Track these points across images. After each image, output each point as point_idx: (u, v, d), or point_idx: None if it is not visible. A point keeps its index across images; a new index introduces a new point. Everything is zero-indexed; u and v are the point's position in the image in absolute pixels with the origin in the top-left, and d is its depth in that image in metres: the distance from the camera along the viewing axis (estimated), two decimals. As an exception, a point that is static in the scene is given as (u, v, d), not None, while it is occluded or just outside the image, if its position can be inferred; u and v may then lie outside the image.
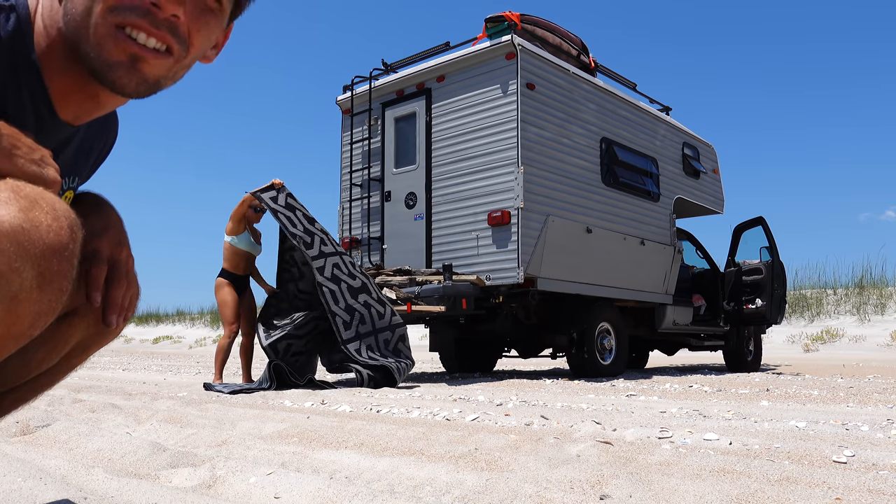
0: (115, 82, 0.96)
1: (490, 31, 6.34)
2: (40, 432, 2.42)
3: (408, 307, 5.73)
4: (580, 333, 6.54)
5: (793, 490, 1.52)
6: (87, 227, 1.09)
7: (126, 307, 1.11)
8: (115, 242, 1.11)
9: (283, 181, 5.54)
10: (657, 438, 2.43)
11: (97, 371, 8.41)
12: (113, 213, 1.16)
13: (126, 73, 0.95)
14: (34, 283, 0.80)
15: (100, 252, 1.08)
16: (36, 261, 0.80)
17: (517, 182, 6.02)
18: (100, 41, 0.93)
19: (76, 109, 1.02)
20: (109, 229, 1.12)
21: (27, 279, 0.79)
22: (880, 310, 14.81)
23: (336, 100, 7.55)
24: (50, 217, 0.83)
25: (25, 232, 0.80)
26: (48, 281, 0.82)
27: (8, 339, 0.83)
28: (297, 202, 5.60)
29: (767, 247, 8.50)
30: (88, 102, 1.01)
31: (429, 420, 3.08)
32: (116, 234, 1.13)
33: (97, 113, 1.05)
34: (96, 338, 1.14)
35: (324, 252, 5.49)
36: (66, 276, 0.84)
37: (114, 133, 1.24)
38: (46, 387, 1.15)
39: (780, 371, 8.37)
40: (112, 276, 1.09)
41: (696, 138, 8.67)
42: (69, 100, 1.00)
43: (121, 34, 0.93)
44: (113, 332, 1.15)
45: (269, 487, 1.61)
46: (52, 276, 0.82)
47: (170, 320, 26.68)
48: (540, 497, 1.52)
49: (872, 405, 3.78)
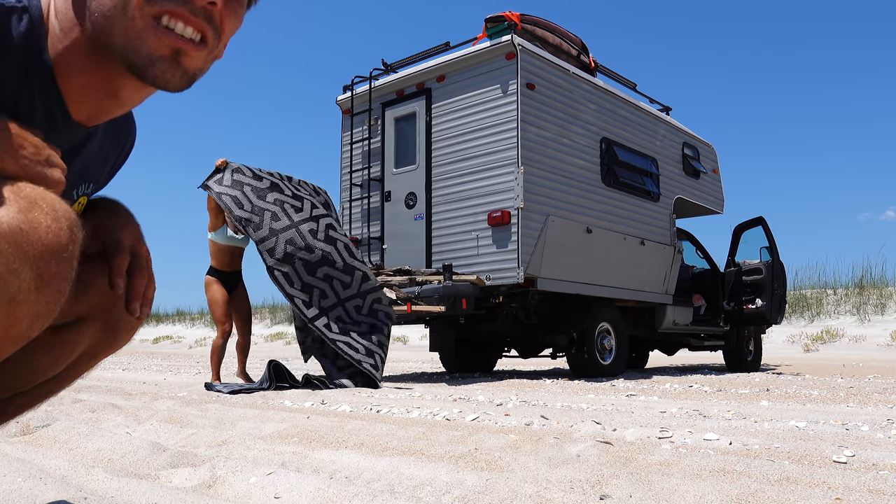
0: (159, 77, 0.94)
1: (490, 31, 6.34)
2: (40, 432, 2.43)
3: (408, 307, 5.73)
4: (580, 333, 6.54)
5: (793, 490, 1.52)
6: (107, 223, 1.09)
7: (148, 298, 1.11)
8: (136, 237, 1.12)
9: (226, 159, 5.22)
10: (657, 438, 2.43)
11: (97, 371, 8.40)
12: (131, 216, 1.17)
13: (169, 67, 0.94)
14: (32, 285, 0.80)
15: (122, 243, 1.08)
16: (34, 262, 0.80)
17: (517, 182, 6.02)
18: (139, 35, 0.91)
19: (93, 109, 1.00)
20: (129, 226, 1.13)
21: (25, 281, 0.79)
22: (880, 310, 14.81)
23: (336, 100, 7.55)
24: (49, 218, 0.82)
25: (24, 233, 0.79)
26: (47, 283, 0.81)
27: (6, 341, 0.82)
28: (249, 173, 5.24)
29: (767, 247, 8.50)
30: (109, 101, 1.00)
31: (429, 420, 3.08)
32: (136, 231, 1.14)
33: (118, 111, 1.04)
34: (104, 345, 1.14)
35: (274, 229, 5.13)
36: (65, 277, 0.84)
37: (131, 140, 1.23)
38: (52, 393, 1.14)
39: (780, 371, 8.37)
40: (134, 266, 1.09)
41: (696, 138, 8.67)
42: (85, 100, 0.98)
43: (160, 27, 0.91)
44: (122, 339, 1.15)
45: (269, 487, 1.61)
46: (50, 278, 0.82)
47: (170, 320, 26.69)
48: (540, 497, 1.52)
49: (872, 405, 3.78)
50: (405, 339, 17.96)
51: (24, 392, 1.10)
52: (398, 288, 6.00)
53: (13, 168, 0.85)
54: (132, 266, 1.09)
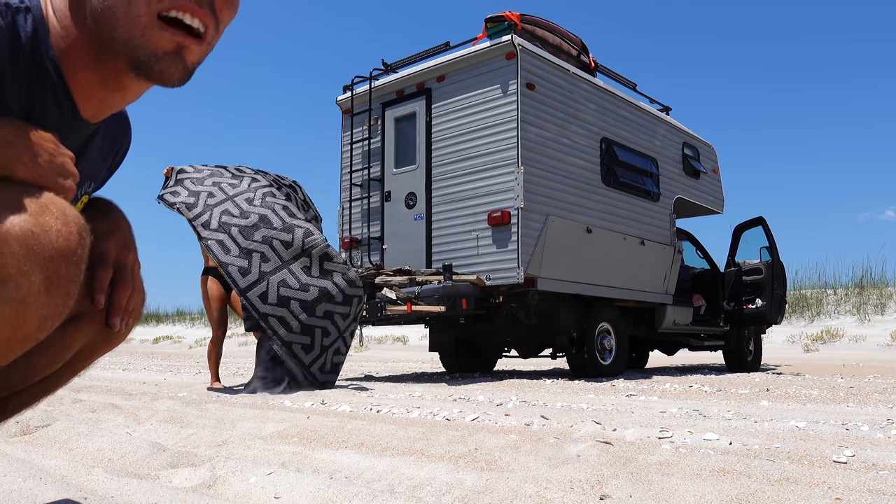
0: (163, 73, 0.96)
1: (490, 31, 6.34)
2: (40, 432, 2.42)
3: (408, 307, 5.72)
4: (580, 333, 6.54)
5: (793, 490, 1.52)
6: (94, 229, 1.09)
7: (130, 311, 1.11)
8: (122, 246, 1.11)
9: (171, 166, 5.17)
10: (657, 438, 2.43)
11: (97, 371, 8.41)
12: (122, 218, 1.17)
13: (172, 63, 0.96)
14: (42, 287, 0.81)
15: (106, 254, 1.08)
16: (45, 265, 0.81)
17: (517, 182, 6.02)
18: (144, 32, 0.93)
19: (99, 105, 1.02)
20: (116, 232, 1.12)
21: (35, 283, 0.80)
22: (880, 310, 14.81)
23: (336, 100, 7.55)
24: (60, 222, 0.84)
25: (35, 236, 0.81)
26: (56, 285, 0.83)
27: (15, 342, 0.83)
28: (190, 169, 5.15)
29: (767, 247, 8.50)
30: (114, 95, 1.01)
31: (429, 420, 3.08)
32: (123, 238, 1.13)
33: (121, 105, 1.05)
34: (101, 343, 1.14)
35: (209, 204, 4.93)
36: (73, 280, 0.85)
37: (127, 140, 1.24)
38: (50, 391, 1.15)
39: (780, 371, 8.37)
40: (117, 278, 1.09)
41: (696, 138, 8.67)
42: (92, 96, 1.00)
43: (163, 24, 0.93)
44: (118, 337, 1.15)
45: (269, 487, 1.61)
46: (59, 281, 0.83)
47: (170, 320, 26.69)
48: (540, 497, 1.52)
49: (872, 405, 3.78)
50: (405, 339, 17.96)
51: (23, 390, 1.10)
52: (398, 288, 6.00)
53: (27, 175, 0.87)
54: (115, 278, 1.08)
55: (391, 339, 18.36)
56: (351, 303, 4.99)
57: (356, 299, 5.04)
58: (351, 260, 7.22)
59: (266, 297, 4.70)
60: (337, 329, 4.94)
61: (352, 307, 5.00)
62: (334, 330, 4.92)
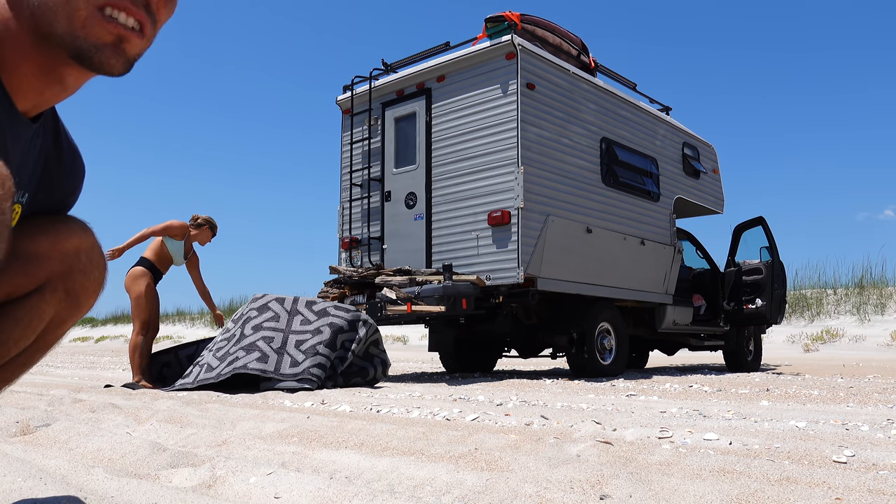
0: (104, 63, 0.99)
1: (490, 31, 6.34)
2: (40, 432, 2.42)
3: (408, 307, 5.73)
4: (580, 333, 6.54)
5: (793, 490, 1.52)
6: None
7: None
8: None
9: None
10: (657, 438, 2.43)
11: (97, 371, 8.41)
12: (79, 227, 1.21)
13: (113, 54, 0.99)
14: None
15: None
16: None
17: (517, 182, 6.02)
18: (84, 24, 0.95)
19: (36, 98, 1.04)
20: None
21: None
22: (880, 310, 14.81)
23: (336, 100, 7.55)
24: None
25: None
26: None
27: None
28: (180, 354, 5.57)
29: (767, 247, 8.50)
30: (52, 87, 1.04)
31: (429, 420, 3.08)
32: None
33: (59, 98, 1.07)
34: (69, 311, 1.18)
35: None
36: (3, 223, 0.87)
37: (83, 173, 1.26)
38: (27, 366, 1.18)
39: (780, 371, 8.37)
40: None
41: (696, 138, 8.67)
42: (29, 88, 1.02)
43: (104, 16, 0.96)
44: (85, 304, 1.19)
45: (269, 487, 1.61)
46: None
47: (170, 320, 26.70)
48: (540, 497, 1.52)
49: (872, 405, 3.78)
50: (405, 339, 17.97)
51: (1, 366, 1.13)
52: (398, 288, 6.00)
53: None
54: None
55: (391, 338, 18.37)
56: (357, 328, 5.24)
57: (360, 322, 5.27)
58: (351, 260, 7.22)
59: (294, 361, 4.87)
60: (352, 353, 5.20)
61: (357, 332, 5.24)
62: (350, 356, 5.20)
